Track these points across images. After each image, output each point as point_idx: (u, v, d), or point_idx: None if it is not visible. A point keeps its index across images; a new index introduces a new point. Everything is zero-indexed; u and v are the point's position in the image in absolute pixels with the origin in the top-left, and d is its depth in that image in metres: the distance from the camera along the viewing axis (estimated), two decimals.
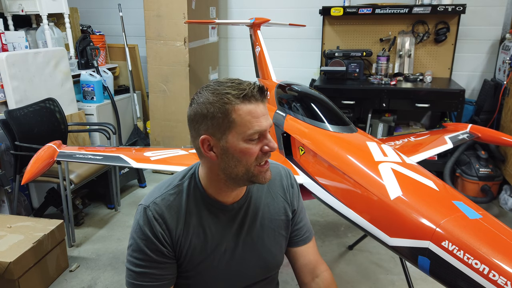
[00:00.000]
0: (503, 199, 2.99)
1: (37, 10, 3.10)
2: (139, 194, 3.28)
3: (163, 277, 0.97)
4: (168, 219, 0.96)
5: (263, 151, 0.92)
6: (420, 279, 2.13)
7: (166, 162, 1.89)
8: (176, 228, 0.96)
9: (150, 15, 3.35)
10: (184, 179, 1.02)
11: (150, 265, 0.95)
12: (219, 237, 1.01)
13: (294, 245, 1.15)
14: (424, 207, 1.18)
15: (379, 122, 3.31)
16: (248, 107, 0.88)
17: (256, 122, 0.89)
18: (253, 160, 0.91)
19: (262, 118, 0.90)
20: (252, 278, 1.08)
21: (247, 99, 0.88)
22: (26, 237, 2.06)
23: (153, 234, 0.94)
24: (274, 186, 1.11)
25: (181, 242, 0.97)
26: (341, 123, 1.78)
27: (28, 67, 2.77)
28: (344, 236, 2.61)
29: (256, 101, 0.89)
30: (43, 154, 1.86)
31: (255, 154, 0.91)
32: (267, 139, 0.92)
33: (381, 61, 3.41)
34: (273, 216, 1.09)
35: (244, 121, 0.88)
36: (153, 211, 0.95)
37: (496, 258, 0.98)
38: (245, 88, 0.88)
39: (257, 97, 0.89)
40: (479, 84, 3.51)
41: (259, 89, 0.90)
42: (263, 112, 0.90)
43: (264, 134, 0.92)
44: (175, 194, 0.99)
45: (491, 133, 2.23)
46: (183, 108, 3.48)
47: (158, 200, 0.97)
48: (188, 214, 0.98)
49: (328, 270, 1.18)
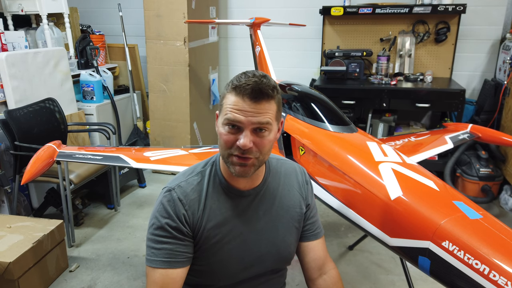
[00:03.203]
0: (504, 199, 2.98)
1: (36, 10, 3.10)
2: (139, 194, 3.28)
3: (182, 255, 1.02)
4: (191, 201, 1.03)
5: (235, 145, 0.96)
6: (421, 279, 2.13)
7: (166, 162, 1.88)
8: (197, 210, 1.03)
9: (150, 15, 3.35)
10: (206, 166, 1.10)
11: (171, 241, 1.01)
12: (235, 221, 1.06)
13: (305, 239, 1.19)
14: (424, 207, 1.18)
15: (380, 122, 3.31)
16: (234, 98, 0.95)
17: (231, 112, 0.94)
18: (226, 147, 0.97)
19: (240, 112, 0.94)
20: (264, 266, 1.12)
21: (236, 91, 0.94)
22: (26, 237, 2.06)
23: (176, 213, 1.01)
24: (290, 180, 1.16)
25: (200, 224, 1.03)
26: (341, 123, 1.77)
27: (27, 67, 2.76)
28: (344, 236, 2.60)
29: (243, 96, 0.93)
30: (43, 154, 1.86)
31: (227, 142, 0.96)
32: (242, 134, 0.95)
33: (381, 61, 3.41)
34: (288, 207, 1.14)
35: (225, 107, 0.96)
36: (178, 193, 1.03)
37: (496, 258, 0.98)
38: (244, 82, 0.94)
39: (246, 94, 0.93)
40: (480, 84, 3.51)
41: (254, 89, 0.93)
42: (246, 108, 0.93)
43: (240, 128, 0.95)
44: (198, 179, 1.07)
45: (491, 133, 2.23)
46: (183, 108, 3.48)
47: (182, 183, 1.05)
48: (208, 198, 1.05)
49: (336, 268, 1.21)
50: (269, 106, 0.95)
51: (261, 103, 0.94)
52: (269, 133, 0.97)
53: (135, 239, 2.61)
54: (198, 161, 1.13)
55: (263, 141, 0.96)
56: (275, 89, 0.97)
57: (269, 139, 0.98)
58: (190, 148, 2.08)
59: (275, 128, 1.00)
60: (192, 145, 3.58)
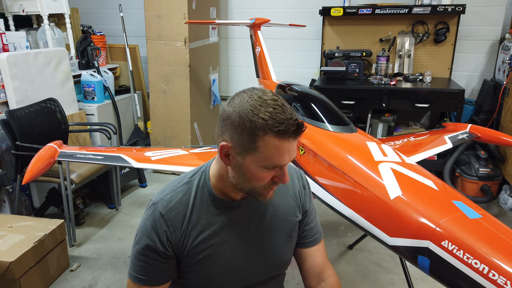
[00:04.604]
0: (503, 198, 2.99)
1: (38, 11, 3.11)
2: (139, 194, 3.29)
3: (159, 274, 1.00)
4: (175, 215, 0.98)
5: (273, 179, 0.93)
6: (420, 279, 2.14)
7: (167, 162, 1.89)
8: (182, 224, 0.99)
9: (150, 16, 3.35)
10: (195, 176, 1.04)
11: (149, 262, 0.98)
12: (226, 233, 1.02)
13: (303, 246, 1.15)
14: (423, 207, 1.19)
15: (379, 122, 3.31)
16: (278, 142, 0.86)
17: (278, 157, 0.87)
18: (261, 185, 0.92)
19: (286, 154, 0.88)
20: (258, 276, 1.09)
21: (279, 134, 0.85)
22: (27, 237, 2.07)
23: (157, 234, 0.97)
24: (286, 188, 1.11)
25: (185, 238, 0.99)
26: (341, 123, 1.78)
27: (29, 67, 2.77)
28: (344, 236, 2.61)
29: (288, 138, 0.86)
30: (44, 154, 1.86)
31: (265, 181, 0.92)
32: (282, 171, 0.92)
33: (381, 61, 3.42)
34: (282, 216, 1.09)
35: (267, 152, 0.87)
36: (160, 207, 0.98)
37: (495, 257, 0.98)
38: (283, 123, 0.84)
39: (290, 135, 0.86)
40: (479, 84, 3.51)
41: (296, 127, 0.86)
42: (289, 148, 0.88)
43: (282, 166, 0.91)
44: (184, 191, 1.01)
45: (490, 133, 2.24)
46: (183, 108, 3.49)
47: (167, 196, 1.00)
48: (195, 210, 1.00)
49: (335, 275, 1.17)
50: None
51: (296, 138, 0.89)
52: None
53: None
54: (199, 161, 1.12)
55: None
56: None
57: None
58: (190, 148, 2.08)
59: None
60: (192, 145, 3.59)
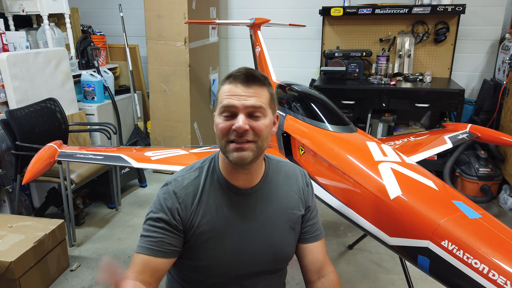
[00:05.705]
0: (503, 198, 2.99)
1: (37, 11, 3.10)
2: (139, 194, 3.29)
3: (167, 245, 1.04)
4: (186, 195, 1.05)
5: (231, 128, 0.98)
6: (420, 279, 2.14)
7: (167, 162, 1.89)
8: (191, 204, 1.05)
9: (150, 16, 3.35)
10: (205, 162, 1.12)
11: (159, 231, 1.03)
12: (231, 218, 1.07)
13: (305, 241, 1.18)
14: (423, 207, 1.19)
15: (379, 122, 3.31)
16: (228, 86, 0.99)
17: (226, 98, 0.98)
18: (222, 135, 0.99)
19: (234, 97, 0.97)
20: (260, 265, 1.11)
21: (229, 79, 1.00)
22: (27, 237, 2.07)
23: (168, 207, 1.03)
24: (290, 182, 1.17)
25: (193, 218, 1.05)
26: (341, 123, 1.78)
27: (29, 67, 2.77)
28: (344, 236, 2.61)
29: (236, 83, 0.98)
30: (44, 154, 1.86)
31: (223, 129, 0.98)
32: (236, 118, 0.97)
33: (380, 61, 3.42)
34: (286, 209, 1.13)
35: (220, 97, 1.01)
36: (174, 186, 1.06)
37: (495, 257, 0.98)
38: (236, 71, 1.00)
39: (238, 79, 0.98)
40: (479, 84, 3.52)
41: (246, 74, 0.98)
42: (240, 93, 0.97)
43: (235, 112, 0.97)
44: (195, 174, 1.09)
45: (490, 133, 2.24)
46: (183, 108, 3.49)
47: (180, 178, 1.08)
48: (204, 193, 1.07)
49: (335, 272, 1.19)
50: (261, 91, 1.00)
51: (253, 87, 0.98)
52: (264, 118, 0.99)
53: (136, 239, 2.60)
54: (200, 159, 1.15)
55: (259, 125, 0.98)
56: (266, 79, 1.03)
57: (264, 124, 0.99)
58: (190, 148, 2.09)
59: (270, 116, 1.02)
60: (192, 145, 3.59)
